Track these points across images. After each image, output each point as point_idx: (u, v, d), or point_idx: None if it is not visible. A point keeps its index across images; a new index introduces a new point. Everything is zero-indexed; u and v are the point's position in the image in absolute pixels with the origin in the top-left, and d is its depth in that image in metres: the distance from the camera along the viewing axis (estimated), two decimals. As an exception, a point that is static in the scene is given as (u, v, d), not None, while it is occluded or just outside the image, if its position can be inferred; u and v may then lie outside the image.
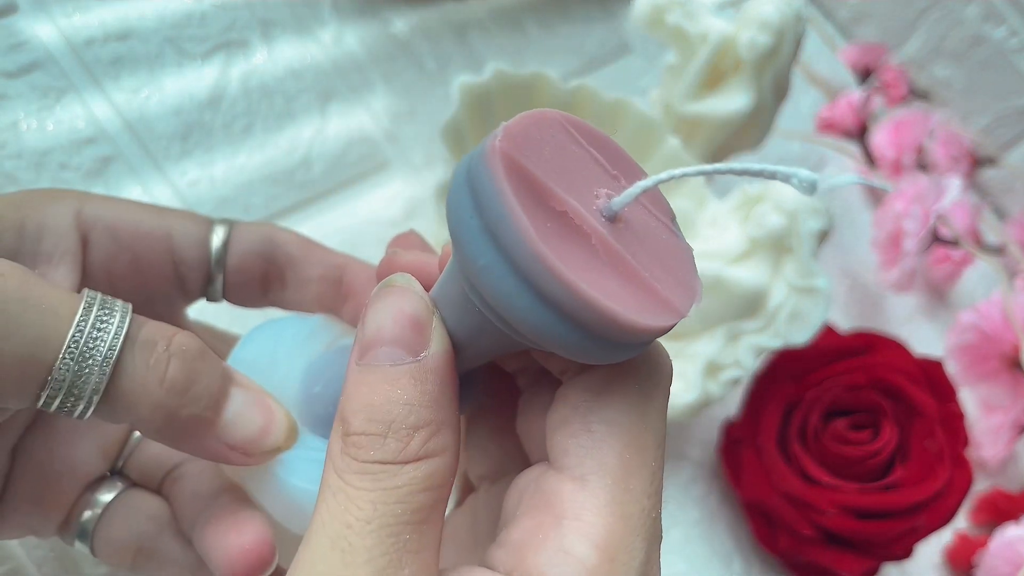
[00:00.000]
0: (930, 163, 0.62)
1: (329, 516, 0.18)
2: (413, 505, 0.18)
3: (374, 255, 0.27)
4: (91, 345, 0.20)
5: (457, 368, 0.20)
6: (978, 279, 0.63)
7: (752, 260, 0.42)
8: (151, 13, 0.45)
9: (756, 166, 0.17)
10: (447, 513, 0.21)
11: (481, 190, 0.17)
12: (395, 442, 0.18)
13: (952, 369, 0.51)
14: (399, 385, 0.18)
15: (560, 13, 0.57)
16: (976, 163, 0.67)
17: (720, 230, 0.43)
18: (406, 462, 0.18)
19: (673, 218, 0.20)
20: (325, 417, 0.23)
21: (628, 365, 0.19)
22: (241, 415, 0.23)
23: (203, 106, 0.44)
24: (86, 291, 0.21)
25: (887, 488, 0.43)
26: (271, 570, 0.24)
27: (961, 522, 0.51)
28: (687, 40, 0.45)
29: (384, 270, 0.23)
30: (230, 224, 0.28)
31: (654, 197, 0.20)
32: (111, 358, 0.21)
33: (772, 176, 0.16)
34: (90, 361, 0.20)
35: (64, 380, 0.20)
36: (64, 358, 0.20)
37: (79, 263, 0.25)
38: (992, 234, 0.61)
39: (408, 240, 0.27)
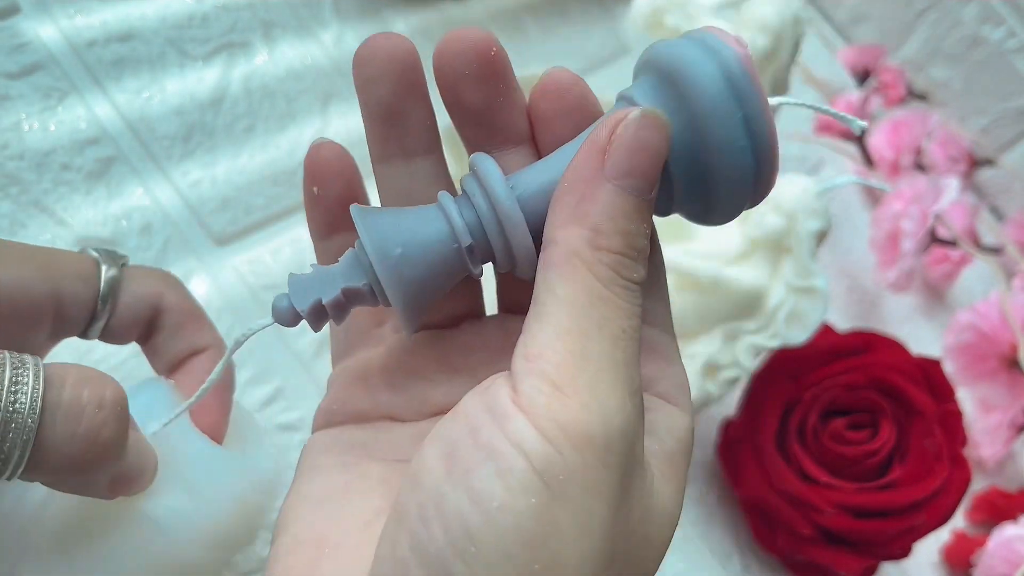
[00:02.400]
0: (928, 164, 0.62)
1: (604, 319, 0.18)
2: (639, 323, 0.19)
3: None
4: (11, 409, 0.19)
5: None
6: (976, 279, 0.63)
7: (751, 260, 0.42)
8: (153, 14, 0.45)
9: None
10: None
11: (747, 90, 0.19)
12: (642, 268, 0.19)
13: (950, 369, 0.52)
14: (644, 218, 0.19)
15: (560, 14, 0.57)
16: (974, 164, 0.68)
17: (719, 230, 0.43)
18: (641, 286, 0.20)
19: None
20: (411, 279, 0.21)
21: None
22: (137, 455, 0.24)
23: (205, 107, 0.44)
24: None
25: (885, 487, 0.43)
26: None
27: (959, 521, 0.52)
28: (686, 41, 0.45)
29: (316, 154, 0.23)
30: (119, 273, 0.27)
31: None
32: (33, 422, 0.19)
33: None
34: (13, 426, 0.19)
35: None
36: None
37: None
38: (990, 234, 0.61)
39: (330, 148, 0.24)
